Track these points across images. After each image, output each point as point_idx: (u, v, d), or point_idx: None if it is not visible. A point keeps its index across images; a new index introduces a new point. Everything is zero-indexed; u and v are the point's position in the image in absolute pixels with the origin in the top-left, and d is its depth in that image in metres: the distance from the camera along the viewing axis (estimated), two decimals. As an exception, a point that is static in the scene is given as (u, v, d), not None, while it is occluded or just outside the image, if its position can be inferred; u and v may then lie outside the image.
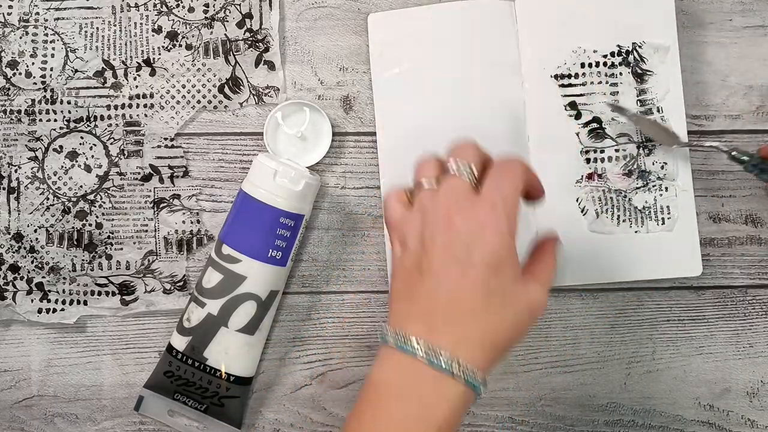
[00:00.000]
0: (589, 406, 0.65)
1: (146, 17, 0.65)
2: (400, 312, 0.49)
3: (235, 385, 0.61)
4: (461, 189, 0.49)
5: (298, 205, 0.61)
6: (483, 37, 0.64)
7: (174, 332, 0.62)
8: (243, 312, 0.60)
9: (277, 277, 0.61)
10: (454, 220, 0.48)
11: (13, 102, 0.65)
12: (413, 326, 0.47)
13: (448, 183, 0.49)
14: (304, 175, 0.61)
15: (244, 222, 0.60)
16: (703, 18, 0.65)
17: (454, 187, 0.49)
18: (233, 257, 0.60)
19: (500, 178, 0.49)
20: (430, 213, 0.49)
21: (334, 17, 0.66)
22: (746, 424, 0.65)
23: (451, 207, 0.48)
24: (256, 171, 0.61)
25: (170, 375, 0.61)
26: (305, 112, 0.65)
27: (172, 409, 0.62)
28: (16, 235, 0.65)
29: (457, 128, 0.64)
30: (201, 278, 0.62)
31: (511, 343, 0.48)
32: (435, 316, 0.47)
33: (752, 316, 0.65)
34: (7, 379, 0.66)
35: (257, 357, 0.63)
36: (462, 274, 0.47)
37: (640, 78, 0.64)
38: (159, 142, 0.65)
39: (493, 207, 0.47)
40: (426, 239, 0.48)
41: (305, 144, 0.65)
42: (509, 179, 0.49)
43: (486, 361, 0.47)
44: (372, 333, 0.65)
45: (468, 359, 0.46)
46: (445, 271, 0.47)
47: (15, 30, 0.65)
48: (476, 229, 0.47)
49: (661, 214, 0.64)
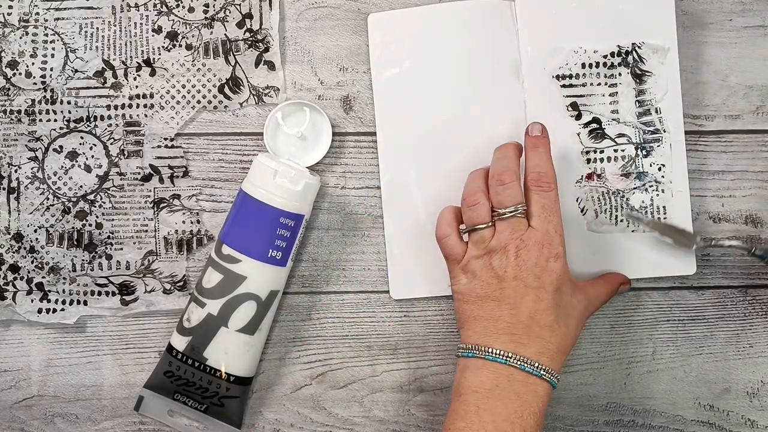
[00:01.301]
0: (589, 406, 0.65)
1: (146, 17, 0.65)
2: (481, 330, 0.57)
3: (235, 385, 0.61)
4: (519, 227, 0.57)
5: (298, 205, 0.61)
6: (483, 37, 0.64)
7: (174, 332, 0.62)
8: (243, 312, 0.60)
9: (277, 277, 0.61)
10: (520, 255, 0.56)
11: (13, 102, 0.65)
12: (499, 342, 0.56)
13: (507, 224, 0.57)
14: (304, 175, 0.61)
15: (244, 222, 0.60)
16: (703, 18, 0.65)
17: (513, 225, 0.57)
18: (233, 257, 0.60)
19: (544, 210, 0.57)
20: (496, 251, 0.57)
21: (334, 17, 0.66)
22: (746, 424, 0.65)
23: (516, 244, 0.57)
24: (256, 171, 0.61)
25: (170, 375, 0.61)
26: (305, 112, 0.65)
27: (172, 409, 0.62)
28: (16, 235, 0.65)
29: (457, 128, 0.64)
30: (201, 278, 0.62)
31: (572, 346, 0.58)
32: (518, 331, 0.56)
33: (752, 316, 0.65)
34: (7, 379, 0.66)
35: (257, 357, 0.63)
36: (537, 298, 0.56)
37: (639, 78, 0.64)
38: (159, 142, 0.65)
39: (548, 237, 0.57)
40: (497, 272, 0.57)
41: (305, 144, 0.65)
42: (552, 208, 0.58)
43: (559, 363, 0.57)
44: (372, 333, 0.65)
45: (548, 364, 0.56)
46: (522, 298, 0.56)
47: (15, 30, 0.65)
48: (540, 261, 0.56)
49: (658, 214, 0.64)
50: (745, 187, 0.65)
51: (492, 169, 0.59)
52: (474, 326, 0.57)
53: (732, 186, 0.65)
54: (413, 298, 0.65)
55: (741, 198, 0.65)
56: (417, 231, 0.64)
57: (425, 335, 0.65)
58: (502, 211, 0.57)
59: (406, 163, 0.65)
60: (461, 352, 0.57)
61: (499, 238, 0.57)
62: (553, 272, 0.56)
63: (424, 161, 0.64)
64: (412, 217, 0.65)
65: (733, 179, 0.65)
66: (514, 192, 0.58)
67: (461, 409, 0.55)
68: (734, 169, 0.65)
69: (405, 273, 0.65)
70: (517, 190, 0.58)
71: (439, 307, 0.65)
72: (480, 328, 0.57)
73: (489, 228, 0.58)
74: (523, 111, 0.64)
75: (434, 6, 0.65)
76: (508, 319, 0.56)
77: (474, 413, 0.55)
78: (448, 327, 0.65)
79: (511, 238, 0.57)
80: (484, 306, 0.57)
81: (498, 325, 0.56)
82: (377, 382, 0.65)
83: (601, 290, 0.61)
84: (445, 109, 0.64)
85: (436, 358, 0.65)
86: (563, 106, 0.64)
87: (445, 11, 0.64)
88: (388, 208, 0.65)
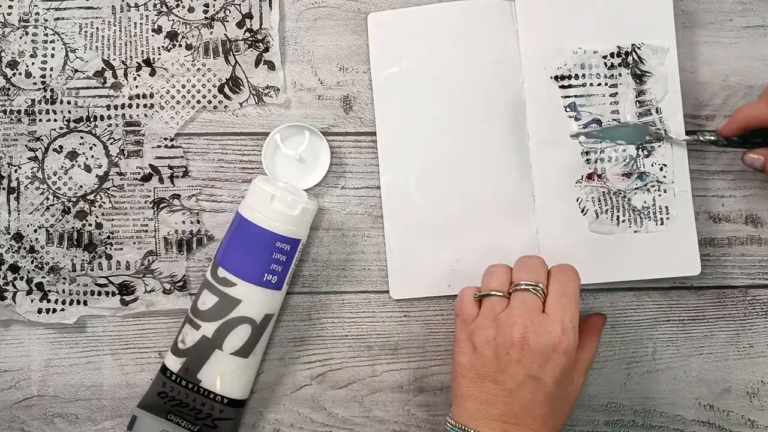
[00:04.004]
0: (589, 406, 0.65)
1: (146, 17, 0.65)
2: (473, 412, 0.55)
3: (229, 407, 0.61)
4: (533, 306, 0.55)
5: (294, 229, 0.60)
6: (483, 37, 0.64)
7: (168, 353, 0.62)
8: (237, 335, 0.60)
9: (273, 301, 0.61)
10: (527, 339, 0.54)
11: (13, 102, 0.65)
12: (489, 428, 0.55)
13: (521, 298, 0.56)
14: (302, 199, 0.60)
15: (240, 245, 0.60)
16: (703, 18, 0.65)
17: (527, 303, 0.55)
18: (228, 280, 0.60)
19: (564, 296, 0.56)
20: (504, 325, 0.55)
21: (334, 17, 0.66)
22: (746, 424, 0.65)
23: (524, 324, 0.54)
24: (253, 194, 0.60)
25: (164, 395, 0.61)
26: (304, 134, 0.65)
27: (166, 430, 0.61)
28: (16, 235, 0.65)
29: (456, 128, 0.64)
30: (196, 300, 0.61)
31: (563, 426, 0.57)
32: (510, 420, 0.54)
33: (752, 316, 0.65)
34: (7, 379, 0.66)
35: (251, 380, 0.63)
36: (535, 389, 0.54)
37: (640, 79, 0.64)
38: (159, 142, 0.65)
39: (562, 326, 0.54)
40: (500, 351, 0.55)
41: (303, 167, 0.65)
42: (571, 296, 0.56)
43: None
44: (372, 333, 0.65)
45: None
46: (520, 387, 0.54)
47: (15, 30, 0.65)
48: (547, 350, 0.54)
49: (660, 215, 0.64)
50: (745, 187, 0.65)
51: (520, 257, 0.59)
52: (467, 405, 0.56)
53: (732, 186, 0.65)
54: (413, 298, 0.65)
55: (741, 198, 0.65)
56: (417, 231, 0.64)
57: (425, 335, 0.65)
58: (521, 283, 0.56)
59: (405, 163, 0.65)
60: (449, 426, 0.56)
61: (509, 313, 0.56)
62: (558, 365, 0.54)
63: (424, 161, 0.64)
64: (412, 217, 0.65)
65: (733, 179, 0.65)
66: (537, 271, 0.57)
67: None
68: (734, 169, 0.65)
69: (405, 273, 0.65)
70: (541, 270, 0.57)
71: (439, 307, 0.65)
72: (473, 409, 0.55)
73: (502, 298, 0.57)
74: (523, 111, 0.64)
75: (434, 6, 0.65)
76: (502, 407, 0.55)
77: None
78: (448, 327, 0.65)
79: (522, 317, 0.55)
80: (482, 387, 0.56)
81: (491, 410, 0.55)
82: (377, 382, 0.65)
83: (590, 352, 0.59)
84: (444, 108, 0.64)
85: (436, 358, 0.65)
86: (563, 107, 0.64)
87: (445, 11, 0.64)
88: (388, 208, 0.65)
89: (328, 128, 0.66)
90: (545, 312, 0.55)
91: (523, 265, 0.58)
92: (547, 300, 0.56)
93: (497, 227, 0.64)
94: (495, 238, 0.64)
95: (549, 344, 0.54)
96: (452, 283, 0.64)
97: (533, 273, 0.57)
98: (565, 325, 0.55)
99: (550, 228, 0.64)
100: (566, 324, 0.55)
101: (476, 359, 0.56)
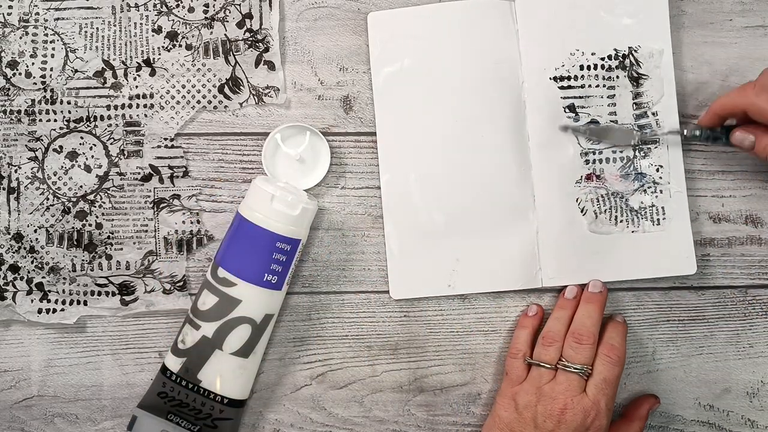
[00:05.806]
0: (588, 406, 0.65)
1: (146, 17, 0.65)
2: None
3: (229, 407, 0.61)
4: (576, 387, 0.59)
5: (294, 229, 0.60)
6: (483, 37, 0.64)
7: (168, 353, 0.62)
8: (237, 335, 0.60)
9: (273, 301, 0.61)
10: (566, 414, 0.58)
11: (13, 102, 0.65)
12: None
13: (567, 378, 0.60)
14: (302, 199, 0.60)
15: (240, 246, 0.60)
16: (703, 18, 0.65)
17: (572, 384, 0.59)
18: (229, 281, 0.60)
19: (605, 384, 0.59)
20: (546, 397, 0.59)
21: (334, 17, 0.66)
22: (746, 424, 0.65)
23: (565, 401, 0.59)
24: (253, 194, 0.60)
25: (164, 396, 0.61)
26: (305, 135, 0.65)
27: (166, 430, 0.61)
28: (16, 235, 0.65)
29: (456, 128, 0.64)
30: (196, 300, 0.61)
31: None
32: None
33: (752, 316, 0.65)
34: (7, 379, 0.66)
35: (251, 380, 0.63)
36: None
37: (636, 82, 0.64)
38: (159, 142, 0.65)
39: (597, 409, 0.59)
40: (539, 418, 0.59)
41: (303, 167, 0.65)
42: (612, 382, 0.60)
43: None
44: (372, 333, 0.65)
45: None
46: None
47: (15, 30, 0.65)
48: (580, 428, 0.58)
49: (656, 215, 0.64)
50: (745, 187, 0.65)
51: (574, 324, 0.62)
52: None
53: (732, 186, 0.65)
54: (413, 298, 0.65)
55: (741, 198, 0.65)
56: (417, 231, 0.64)
57: (425, 335, 0.65)
58: (569, 365, 0.60)
59: (405, 163, 0.65)
60: None
61: (553, 387, 0.60)
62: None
63: (424, 161, 0.64)
64: (412, 217, 0.65)
65: (733, 179, 0.65)
66: (587, 354, 0.60)
67: None
68: (734, 169, 0.65)
69: (405, 273, 0.65)
70: (590, 354, 0.60)
71: (439, 307, 0.65)
72: None
73: (550, 371, 0.61)
74: (523, 111, 0.64)
75: (434, 5, 0.65)
76: None
77: None
78: (448, 327, 0.65)
79: (564, 395, 0.59)
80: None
81: None
82: (377, 382, 0.65)
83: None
84: (444, 108, 0.64)
85: (436, 358, 0.65)
86: (562, 108, 0.64)
87: (445, 11, 0.64)
88: (388, 208, 0.65)
89: (328, 128, 0.66)
90: (586, 392, 0.59)
91: (575, 344, 0.61)
92: (590, 382, 0.60)
93: (497, 227, 0.64)
94: (495, 238, 0.64)
95: (583, 424, 0.58)
96: (452, 283, 0.64)
97: (582, 354, 0.60)
98: (599, 408, 0.59)
99: (550, 228, 0.64)
100: (601, 408, 0.59)
101: (515, 418, 0.60)
